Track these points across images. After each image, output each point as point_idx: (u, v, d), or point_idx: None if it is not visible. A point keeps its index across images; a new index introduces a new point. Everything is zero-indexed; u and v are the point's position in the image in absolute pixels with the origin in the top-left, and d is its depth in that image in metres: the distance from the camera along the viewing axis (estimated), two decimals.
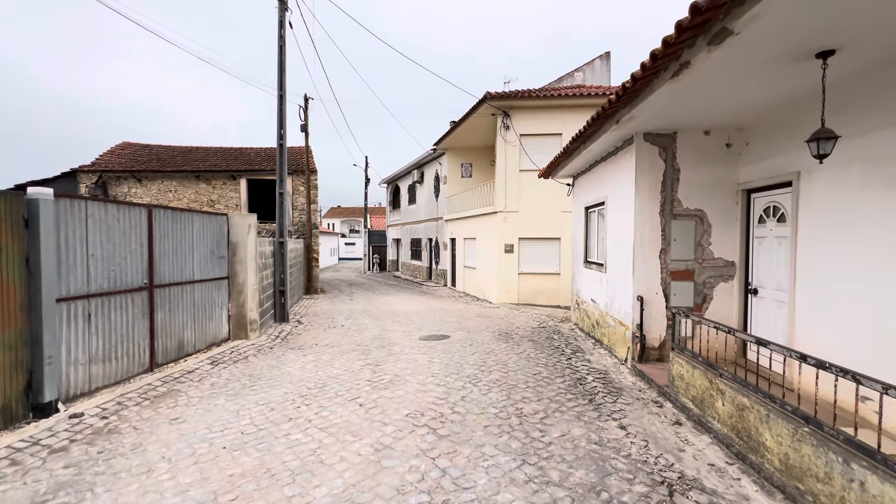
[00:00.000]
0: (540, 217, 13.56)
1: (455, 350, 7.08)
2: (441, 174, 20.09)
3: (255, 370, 6.03)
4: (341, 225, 64.15)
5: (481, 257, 15.18)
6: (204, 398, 4.91)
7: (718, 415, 3.81)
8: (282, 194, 9.69)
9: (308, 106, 15.74)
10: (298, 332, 8.89)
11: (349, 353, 7.04)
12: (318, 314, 11.28)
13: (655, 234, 5.84)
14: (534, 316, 10.86)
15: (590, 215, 8.41)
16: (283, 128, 9.65)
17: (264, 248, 8.77)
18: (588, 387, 5.23)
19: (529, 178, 13.58)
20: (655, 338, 5.86)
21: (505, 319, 10.31)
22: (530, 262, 13.75)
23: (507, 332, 8.69)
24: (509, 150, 13.62)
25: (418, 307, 12.57)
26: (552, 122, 13.54)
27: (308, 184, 15.88)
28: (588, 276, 8.31)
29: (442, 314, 11.10)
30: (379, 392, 5.06)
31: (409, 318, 10.57)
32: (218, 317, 7.27)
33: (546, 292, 13.64)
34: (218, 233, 7.28)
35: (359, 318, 10.53)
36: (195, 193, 15.98)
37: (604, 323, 7.22)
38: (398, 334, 8.52)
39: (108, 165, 15.89)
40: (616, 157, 6.67)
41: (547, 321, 10.04)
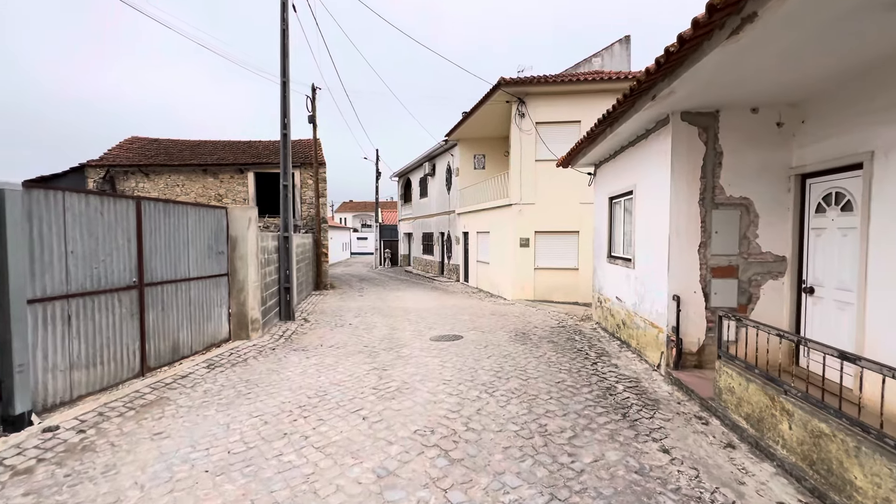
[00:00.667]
0: (557, 209, 12.90)
1: (469, 353, 6.55)
2: (453, 166, 19.50)
3: (253, 375, 5.59)
4: (353, 220, 64.02)
5: (495, 252, 14.59)
6: (194, 408, 4.47)
7: (783, 439, 3.21)
8: (286, 187, 9.24)
9: (315, 96, 15.27)
10: (304, 330, 8.46)
11: (355, 355, 6.56)
12: (326, 311, 10.86)
13: (694, 226, 5.19)
14: (552, 314, 10.27)
15: (614, 206, 7.76)
16: (286, 117, 9.17)
17: (267, 243, 8.34)
18: (619, 398, 4.65)
19: (546, 168, 12.92)
20: (693, 342, 5.23)
21: (521, 318, 9.74)
22: (547, 256, 13.12)
23: (525, 332, 8.12)
24: (525, 140, 12.96)
25: (430, 304, 12.07)
26: (570, 108, 12.82)
27: (316, 177, 15.45)
28: (612, 272, 7.68)
29: (454, 312, 10.58)
30: (385, 403, 4.56)
31: (420, 315, 10.08)
32: (217, 316, 6.86)
33: (563, 288, 13.01)
34: (216, 227, 6.85)
35: (368, 316, 10.07)
36: (202, 187, 15.69)
37: (631, 324, 6.61)
38: (408, 334, 8.03)
39: (116, 160, 15.68)
40: (647, 140, 6.02)
41: (566, 320, 9.44)
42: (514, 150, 13.13)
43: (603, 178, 8.42)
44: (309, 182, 15.99)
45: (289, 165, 9.22)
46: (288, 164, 9.21)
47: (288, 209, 9.29)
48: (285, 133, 9.18)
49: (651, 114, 5.30)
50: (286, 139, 9.18)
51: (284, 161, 9.21)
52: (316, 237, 15.63)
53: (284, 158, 9.21)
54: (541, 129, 12.89)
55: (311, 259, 14.88)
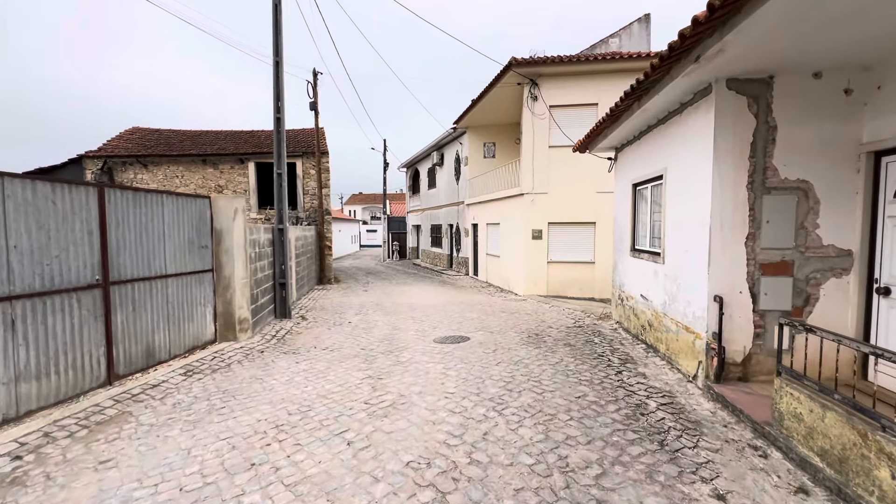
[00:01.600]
0: (572, 199, 12.08)
1: (475, 358, 5.86)
2: (462, 155, 18.72)
3: (233, 383, 4.99)
4: (363, 212, 63.59)
5: (506, 244, 13.85)
6: (156, 427, 3.87)
7: (881, 490, 2.47)
8: (280, 175, 8.60)
9: (317, 82, 14.58)
10: (299, 330, 7.87)
11: (350, 359, 5.93)
12: (326, 308, 10.27)
13: (740, 215, 4.41)
14: (567, 311, 9.52)
15: (639, 193, 6.96)
16: (279, 99, 8.50)
17: (259, 235, 7.72)
18: (653, 418, 3.92)
19: (560, 154, 12.09)
20: (738, 350, 4.47)
21: (533, 316, 9.02)
22: (561, 249, 12.33)
23: (538, 332, 7.41)
24: (537, 124, 12.13)
25: (436, 300, 11.41)
26: (586, 90, 11.93)
27: (319, 166, 14.82)
28: (636, 267, 6.90)
29: (462, 309, 9.90)
30: (375, 422, 3.91)
31: (425, 313, 9.42)
32: (200, 316, 6.27)
33: (578, 283, 12.23)
34: (198, 219, 6.24)
35: (369, 314, 9.45)
36: (202, 178, 15.18)
37: (660, 326, 5.85)
38: (410, 335, 7.37)
39: (115, 151, 15.24)
40: (681, 116, 5.21)
41: (583, 318, 8.70)
42: (527, 135, 12.31)
43: (625, 164, 7.60)
44: (311, 172, 15.37)
45: (282, 152, 8.57)
46: (282, 151, 8.56)
47: (282, 199, 8.66)
48: (279, 117, 8.52)
49: (690, 82, 4.50)
50: (279, 124, 8.52)
51: (278, 148, 8.57)
52: (319, 229, 15.04)
53: (278, 145, 8.56)
54: (555, 112, 12.04)
55: (313, 252, 14.30)
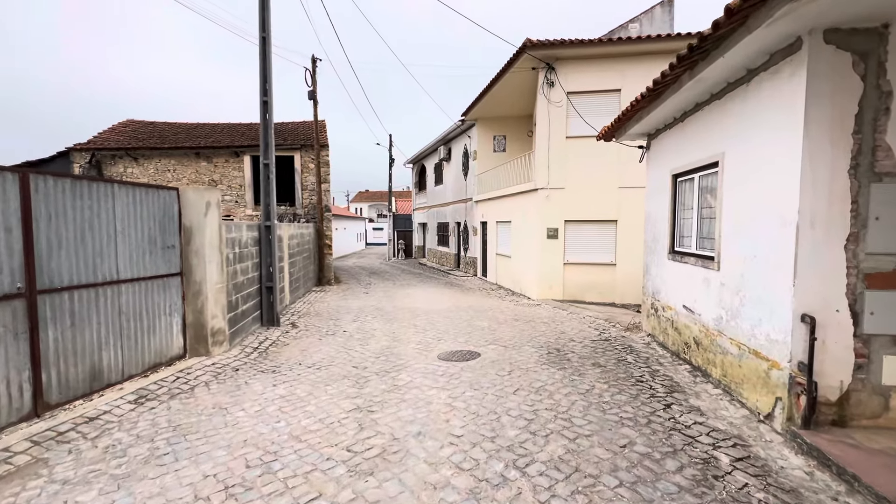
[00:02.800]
0: (591, 194, 11.03)
1: (488, 382, 4.88)
2: (470, 149, 17.71)
3: (190, 415, 4.06)
4: (369, 209, 62.88)
5: (518, 244, 12.83)
6: (69, 486, 2.94)
7: None
8: (267, 166, 7.67)
9: (316, 69, 13.65)
10: (286, 340, 6.94)
11: (338, 381, 4.98)
12: (321, 313, 9.34)
13: (838, 209, 3.37)
14: (588, 320, 8.49)
15: (682, 186, 5.91)
16: (266, 81, 7.56)
17: (240, 234, 6.79)
18: (732, 486, 2.90)
19: (579, 146, 11.04)
20: (832, 386, 3.44)
21: (551, 325, 8.01)
22: (579, 249, 11.29)
23: (559, 347, 6.40)
24: (553, 113, 11.08)
25: (442, 304, 10.43)
26: (608, 75, 10.85)
27: (318, 160, 13.90)
28: (678, 272, 5.86)
29: (470, 315, 8.91)
30: (357, 483, 2.94)
31: (429, 320, 8.45)
32: (165, 328, 5.36)
33: (598, 287, 11.19)
34: (162, 214, 5.32)
35: (368, 320, 8.50)
36: (195, 173, 14.34)
37: (712, 346, 4.81)
38: (412, 348, 6.41)
39: (105, 144, 14.45)
40: (748, 86, 4.17)
41: (608, 328, 7.67)
42: (541, 125, 11.27)
43: (662, 152, 6.55)
44: (311, 166, 14.47)
45: (270, 141, 7.63)
46: (269, 139, 7.63)
47: (270, 193, 7.72)
48: (265, 101, 7.58)
49: (770, 36, 3.46)
50: (266, 109, 7.58)
51: (265, 136, 7.63)
52: (318, 227, 14.13)
53: (265, 132, 7.63)
54: (573, 100, 10.98)
55: (311, 251, 13.40)
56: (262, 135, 7.63)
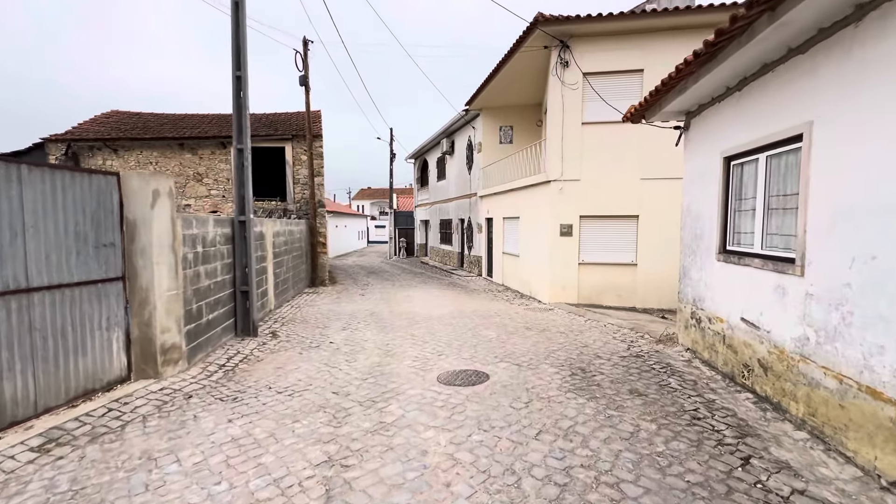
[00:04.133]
0: (609, 187, 9.94)
1: (500, 420, 3.82)
2: (474, 141, 16.62)
3: (104, 472, 3.03)
4: (371, 207, 61.88)
5: (527, 242, 11.76)
6: None
7: None
8: (241, 152, 6.63)
9: (307, 51, 12.60)
10: (261, 355, 5.91)
11: (311, 415, 3.95)
12: (308, 319, 8.31)
13: None
14: (611, 329, 7.42)
15: (738, 170, 4.81)
16: (240, 53, 6.52)
17: (205, 230, 5.76)
18: None
19: (596, 133, 9.95)
20: None
21: (569, 335, 6.94)
22: (595, 248, 10.21)
23: (583, 365, 5.34)
24: (568, 97, 9.98)
25: (444, 309, 9.39)
26: (629, 54, 9.74)
27: (310, 151, 12.86)
28: (732, 277, 4.78)
29: (475, 322, 7.86)
30: None
31: (429, 328, 7.41)
32: (100, 346, 4.34)
33: (616, 289, 10.11)
34: (96, 204, 4.29)
35: (359, 328, 7.47)
36: (179, 165, 13.34)
37: (791, 374, 3.73)
38: (406, 366, 5.37)
39: (84, 134, 13.47)
40: (859, 27, 3.08)
41: (636, 340, 6.60)
42: (554, 110, 10.17)
43: (709, 130, 5.46)
44: (303, 158, 13.43)
45: (244, 122, 6.59)
46: (243, 120, 6.58)
47: (244, 183, 6.68)
48: (238, 76, 6.54)
49: None
50: (240, 85, 6.55)
51: (238, 116, 6.59)
52: (311, 223, 13.10)
53: (238, 113, 6.59)
54: (590, 81, 9.87)
55: (303, 250, 12.38)
56: (234, 116, 6.59)
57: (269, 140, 13.28)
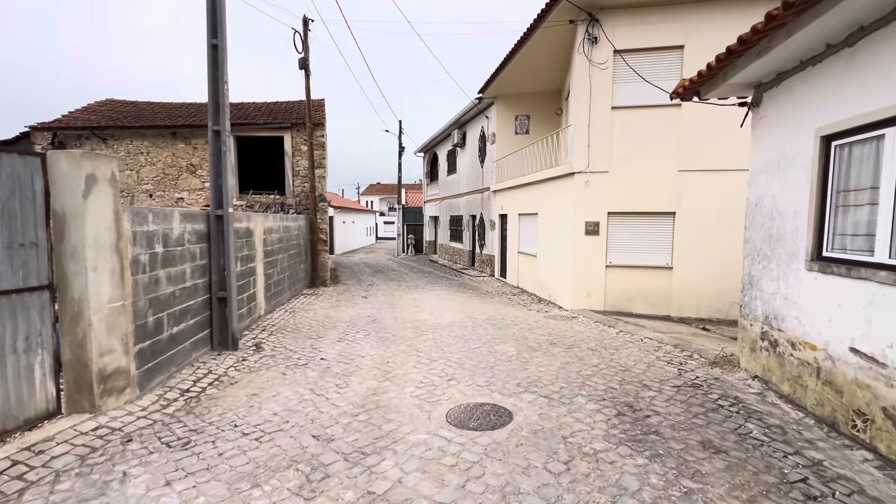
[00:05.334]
0: (642, 180, 8.80)
1: (533, 489, 2.78)
2: (488, 132, 15.52)
3: None
4: (380, 203, 61.08)
5: (546, 241, 10.65)
6: None
7: None
8: (218, 134, 5.64)
9: (308, 32, 11.58)
10: (235, 376, 4.94)
11: (278, 474, 2.95)
12: (301, 328, 7.34)
13: None
14: (650, 345, 6.32)
15: (845, 153, 3.68)
16: (216, 17, 5.52)
17: (168, 225, 4.78)
18: None
19: (628, 119, 8.81)
20: None
21: (603, 353, 5.86)
22: (625, 248, 9.08)
23: (630, 399, 4.26)
24: (596, 78, 8.83)
25: (454, 315, 8.36)
26: (668, 28, 8.55)
27: (310, 140, 11.87)
28: (834, 292, 3.66)
29: (491, 334, 6.82)
30: None
31: (437, 341, 6.39)
32: (14, 374, 3.38)
33: (648, 296, 8.98)
34: (9, 192, 3.33)
35: (357, 340, 6.47)
36: (171, 156, 12.46)
37: None
38: (408, 395, 4.35)
39: (72, 123, 12.65)
40: None
41: (685, 362, 5.49)
42: (580, 93, 9.03)
43: (796, 103, 4.32)
44: (303, 149, 12.45)
45: (222, 99, 5.60)
46: (220, 97, 5.59)
47: (223, 171, 5.70)
48: (215, 44, 5.55)
49: None
50: (217, 55, 5.55)
51: (215, 92, 5.60)
52: (311, 219, 12.14)
53: (214, 87, 5.60)
54: (623, 59, 8.71)
55: (301, 248, 11.43)
56: (210, 92, 5.60)
57: (267, 129, 12.33)
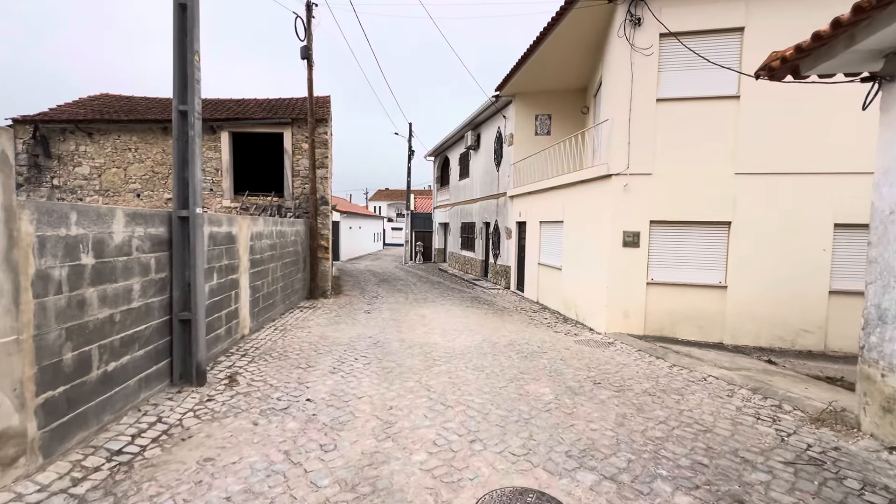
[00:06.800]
0: (691, 184, 7.55)
1: None
2: (504, 133, 14.37)
3: None
4: (388, 208, 60.19)
5: (573, 252, 9.41)
6: None
7: None
8: (183, 115, 4.51)
9: (311, 17, 10.54)
10: (194, 426, 3.76)
11: None
12: (289, 352, 6.15)
13: None
14: (718, 386, 5.03)
15: None
16: None
17: (106, 228, 3.64)
18: None
19: (676, 112, 7.59)
20: None
21: (664, 399, 4.59)
22: (669, 263, 7.81)
23: (731, 485, 3.00)
24: (639, 65, 7.63)
25: (470, 337, 7.14)
26: (726, 6, 7.34)
27: (312, 137, 10.78)
28: None
29: (517, 366, 5.57)
30: None
31: (453, 376, 5.17)
32: None
33: (697, 319, 7.68)
34: None
35: (355, 371, 5.27)
36: (161, 153, 11.45)
37: None
38: (418, 467, 3.14)
39: (57, 116, 11.71)
40: None
41: (775, 415, 4.20)
42: (618, 84, 7.82)
43: None
44: (304, 146, 11.37)
45: (190, 69, 4.48)
46: (188, 66, 4.47)
47: (191, 162, 4.56)
48: (183, 2, 4.44)
49: None
50: (185, 15, 4.44)
51: (181, 61, 4.49)
52: (311, 224, 11.01)
53: (182, 58, 4.49)
54: (669, 45, 7.52)
55: (300, 255, 10.30)
56: (176, 63, 4.48)
57: (265, 124, 11.28)
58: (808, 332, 7.31)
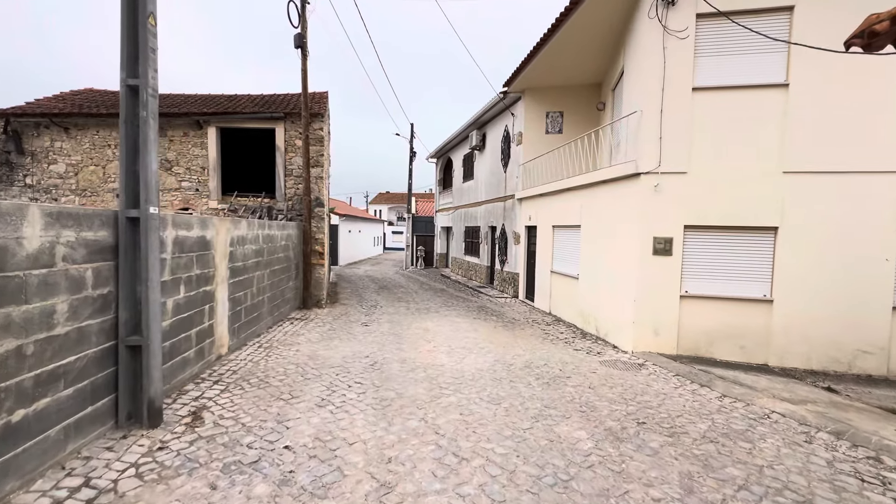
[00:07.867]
0: (731, 184, 6.66)
1: None
2: (513, 131, 13.50)
3: None
4: (388, 212, 59.34)
5: (592, 260, 8.50)
6: None
7: None
8: (134, 91, 3.63)
9: (306, 3, 9.69)
10: (127, 496, 2.84)
11: None
12: (270, 377, 5.23)
13: None
14: (786, 427, 4.11)
15: None
16: None
17: (17, 233, 2.75)
18: None
19: (715, 103, 6.71)
20: None
21: (732, 449, 3.66)
22: (706, 274, 6.90)
23: None
24: (672, 50, 6.75)
25: (481, 357, 6.23)
26: None
27: (306, 133, 9.90)
28: None
29: (540, 396, 4.65)
30: None
31: (464, 409, 4.25)
32: None
33: (739, 338, 6.76)
34: None
35: (346, 405, 4.35)
36: None
37: None
38: None
39: (29, 110, 10.86)
40: None
41: (877, 471, 3.28)
42: (647, 71, 6.94)
43: None
44: (298, 144, 10.50)
45: (142, 31, 3.60)
46: (139, 27, 3.60)
47: (141, 152, 3.67)
48: None
49: None
50: None
51: (132, 20, 3.61)
52: (304, 227, 10.12)
53: (133, 15, 3.61)
54: (706, 28, 6.66)
55: (292, 261, 9.40)
56: (123, 26, 3.61)
57: (256, 119, 10.42)
58: (868, 354, 6.38)
